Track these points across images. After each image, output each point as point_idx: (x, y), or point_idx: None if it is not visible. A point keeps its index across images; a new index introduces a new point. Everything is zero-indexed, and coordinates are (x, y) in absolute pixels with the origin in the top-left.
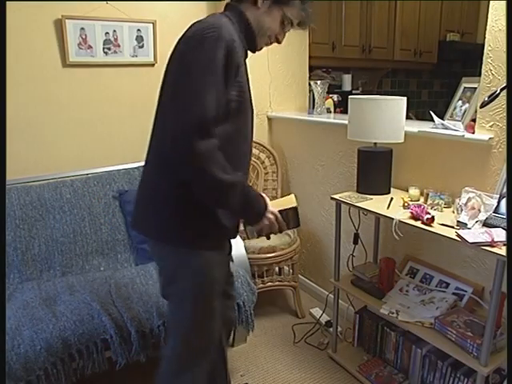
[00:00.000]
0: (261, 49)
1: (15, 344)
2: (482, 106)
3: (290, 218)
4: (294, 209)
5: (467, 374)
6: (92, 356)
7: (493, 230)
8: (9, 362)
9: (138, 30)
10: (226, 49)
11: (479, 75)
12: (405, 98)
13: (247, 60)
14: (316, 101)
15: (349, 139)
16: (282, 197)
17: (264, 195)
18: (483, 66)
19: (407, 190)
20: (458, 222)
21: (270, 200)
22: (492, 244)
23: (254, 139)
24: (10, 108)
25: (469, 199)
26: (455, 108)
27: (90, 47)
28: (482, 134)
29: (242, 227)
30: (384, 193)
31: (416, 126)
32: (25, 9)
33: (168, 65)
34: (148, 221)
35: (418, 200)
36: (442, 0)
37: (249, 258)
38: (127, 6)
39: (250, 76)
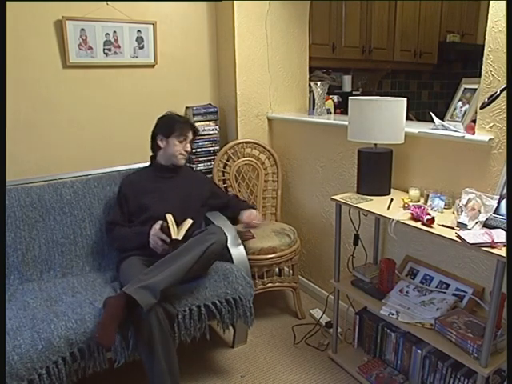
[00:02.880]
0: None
1: (16, 344)
2: (482, 107)
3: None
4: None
5: (467, 374)
6: (93, 355)
7: (493, 230)
8: (10, 361)
9: (139, 30)
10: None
11: (479, 76)
12: (405, 99)
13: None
14: (316, 102)
15: (349, 140)
16: (281, 197)
17: (154, 226)
18: (483, 67)
19: (407, 191)
20: (458, 222)
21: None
22: (492, 245)
23: (254, 140)
24: (10, 109)
25: (469, 200)
26: (455, 109)
27: (90, 48)
28: (482, 135)
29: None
30: (384, 194)
31: (416, 127)
32: (25, 9)
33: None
34: None
35: (418, 201)
36: (442, 0)
37: (249, 259)
38: (127, 6)
39: (250, 77)
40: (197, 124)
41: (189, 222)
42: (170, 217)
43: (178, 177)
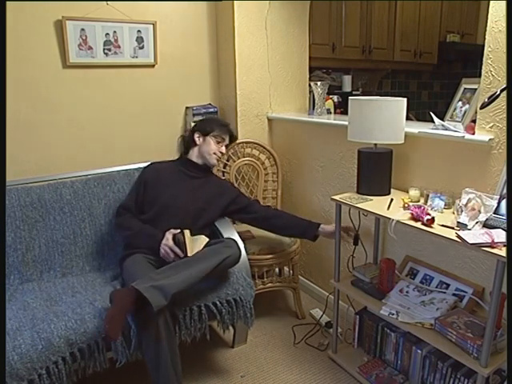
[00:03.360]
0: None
1: (16, 344)
2: (482, 107)
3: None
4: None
5: (467, 374)
6: (93, 355)
7: (493, 230)
8: (10, 362)
9: (139, 30)
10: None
11: (479, 76)
12: (405, 99)
13: None
14: (316, 102)
15: (349, 140)
16: (281, 197)
17: (166, 235)
18: (483, 67)
19: (407, 191)
20: (458, 222)
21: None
22: (492, 245)
23: (254, 140)
24: (10, 109)
25: (469, 200)
26: (455, 109)
27: (90, 48)
28: (482, 135)
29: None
30: (384, 194)
31: (416, 127)
32: (25, 9)
33: None
34: None
35: (418, 201)
36: (442, 0)
37: (249, 259)
38: (127, 6)
39: (250, 77)
40: None
41: (204, 240)
42: (187, 233)
43: (205, 179)
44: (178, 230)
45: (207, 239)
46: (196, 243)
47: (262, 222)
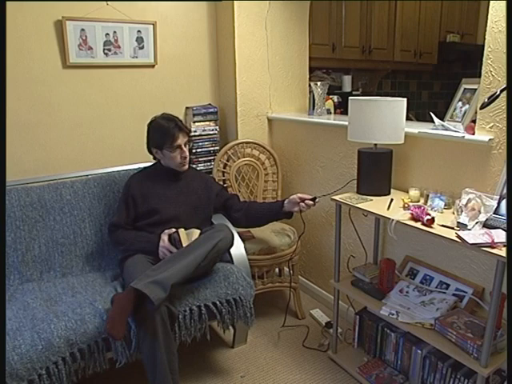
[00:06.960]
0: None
1: (16, 344)
2: (481, 108)
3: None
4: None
5: (467, 375)
6: (93, 355)
7: (493, 231)
8: (10, 362)
9: (139, 31)
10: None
11: (479, 76)
12: (405, 99)
13: None
14: (316, 102)
15: (349, 140)
16: (281, 197)
17: (162, 237)
18: (483, 67)
19: (407, 191)
20: (458, 223)
21: None
22: (492, 245)
23: (254, 140)
24: (9, 109)
25: (469, 200)
26: (455, 109)
27: (90, 48)
28: (482, 135)
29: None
30: (384, 194)
31: (416, 127)
32: (25, 10)
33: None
34: None
35: (418, 201)
36: (442, 0)
37: (249, 259)
38: (127, 6)
39: (250, 77)
40: (197, 124)
41: (197, 232)
42: (182, 231)
43: (186, 179)
44: (173, 230)
45: (199, 231)
46: (191, 237)
47: (246, 220)
